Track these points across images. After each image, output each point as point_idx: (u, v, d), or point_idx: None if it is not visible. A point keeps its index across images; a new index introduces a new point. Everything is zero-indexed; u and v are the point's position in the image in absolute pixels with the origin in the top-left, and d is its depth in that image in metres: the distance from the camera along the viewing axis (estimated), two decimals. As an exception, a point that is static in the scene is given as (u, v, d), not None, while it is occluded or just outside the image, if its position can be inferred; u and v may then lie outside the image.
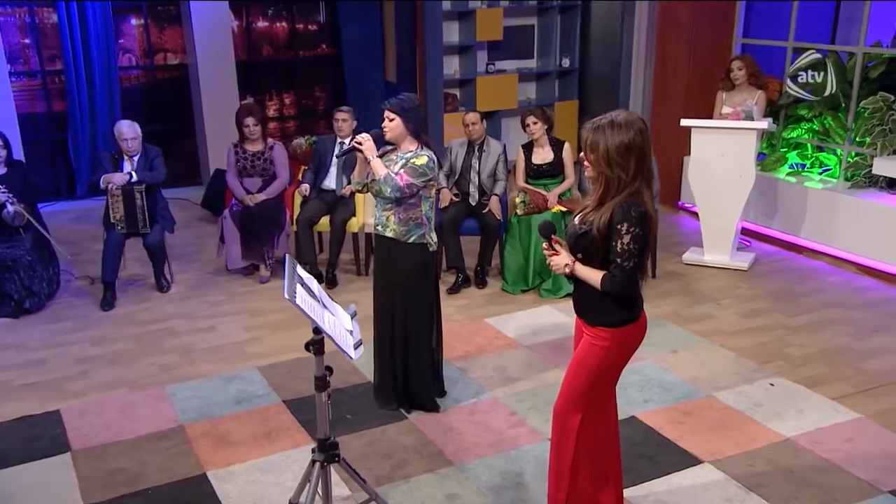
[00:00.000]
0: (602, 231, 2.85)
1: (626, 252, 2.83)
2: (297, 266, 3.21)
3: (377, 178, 3.96)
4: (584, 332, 3.09)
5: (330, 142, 6.46)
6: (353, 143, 4.01)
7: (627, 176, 2.83)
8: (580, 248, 2.96)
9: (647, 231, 2.87)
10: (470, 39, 8.69)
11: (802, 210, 6.68)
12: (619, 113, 2.90)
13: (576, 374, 3.10)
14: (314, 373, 3.18)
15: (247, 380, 4.67)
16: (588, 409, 3.10)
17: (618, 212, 2.82)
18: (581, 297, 3.07)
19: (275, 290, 6.20)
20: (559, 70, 9.14)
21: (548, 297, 5.85)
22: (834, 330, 5.32)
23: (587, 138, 2.91)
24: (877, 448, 3.82)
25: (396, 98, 4.06)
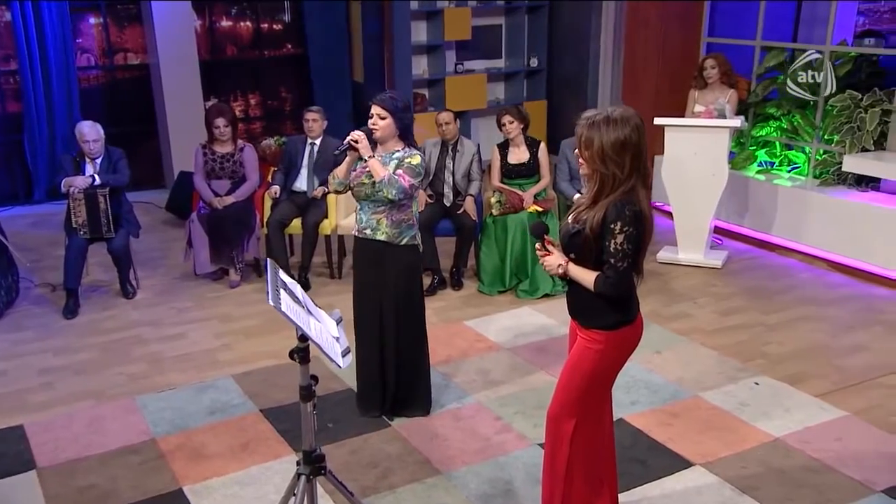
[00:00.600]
0: (595, 230, 2.74)
1: (620, 252, 2.73)
2: (279, 270, 3.04)
3: (378, 179, 3.78)
4: (579, 334, 2.97)
5: (300, 142, 6.27)
6: (349, 141, 3.83)
7: (622, 173, 2.73)
8: (573, 247, 2.85)
9: (641, 230, 2.77)
10: (438, 39, 8.56)
11: (773, 208, 6.67)
12: (615, 108, 2.79)
13: (570, 378, 2.98)
14: (299, 382, 3.02)
15: (221, 389, 4.47)
16: (583, 414, 2.99)
17: (611, 210, 2.71)
18: (575, 299, 2.96)
19: (245, 295, 6.00)
20: (527, 70, 9.05)
21: (525, 298, 5.74)
22: (810, 327, 5.29)
23: (581, 134, 2.79)
24: (866, 446, 3.77)
25: (388, 95, 3.89)
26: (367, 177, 3.89)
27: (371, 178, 3.87)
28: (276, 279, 2.91)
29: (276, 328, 5.40)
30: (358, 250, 4.07)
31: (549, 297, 5.76)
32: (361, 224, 3.99)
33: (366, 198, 3.93)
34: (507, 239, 5.82)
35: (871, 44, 6.94)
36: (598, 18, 8.71)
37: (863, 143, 6.17)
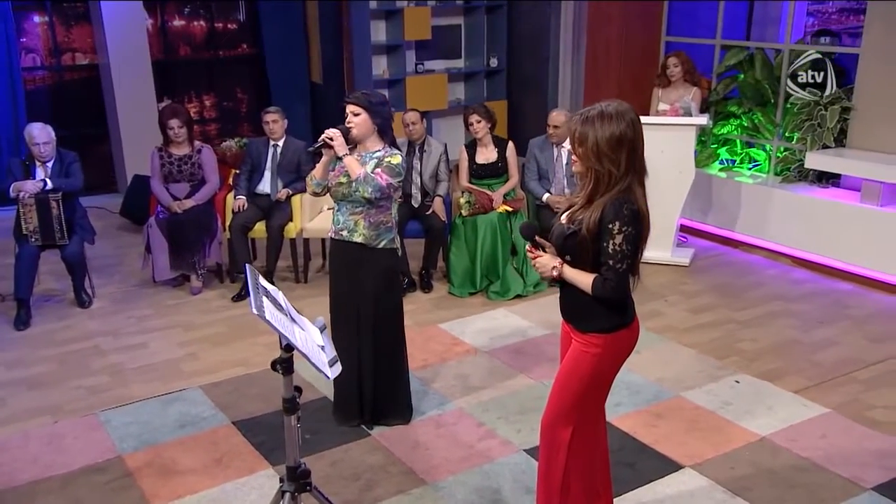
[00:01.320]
0: (592, 231, 2.61)
1: (619, 253, 2.60)
2: (259, 276, 2.85)
3: (354, 177, 3.61)
4: (574, 338, 2.84)
5: (262, 144, 6.05)
6: (324, 139, 3.64)
7: (619, 171, 2.61)
8: (568, 249, 2.71)
9: (640, 230, 2.65)
10: (398, 39, 8.38)
11: (736, 205, 6.66)
12: (610, 103, 2.66)
13: (565, 384, 2.85)
14: (283, 394, 2.84)
15: (189, 401, 4.24)
16: (579, 421, 2.86)
17: (609, 210, 2.59)
18: (570, 302, 2.83)
19: (208, 302, 5.75)
20: (487, 70, 8.93)
21: (497, 300, 5.61)
22: (781, 323, 5.26)
23: (575, 130, 2.67)
24: (850, 443, 3.72)
25: (361, 92, 3.74)
26: (345, 176, 3.72)
27: (348, 177, 3.69)
28: (257, 285, 2.72)
29: (242, 335, 5.17)
30: (334, 253, 3.88)
31: (521, 297, 5.64)
32: (338, 225, 3.81)
33: (343, 198, 3.75)
34: (476, 240, 5.69)
35: (826, 42, 6.99)
36: (556, 18, 8.63)
37: (824, 141, 6.18)
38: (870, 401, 4.25)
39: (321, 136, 3.69)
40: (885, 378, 4.50)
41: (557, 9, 8.54)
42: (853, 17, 9.39)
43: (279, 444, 3.76)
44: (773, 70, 6.76)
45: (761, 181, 6.70)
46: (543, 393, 4.21)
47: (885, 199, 5.81)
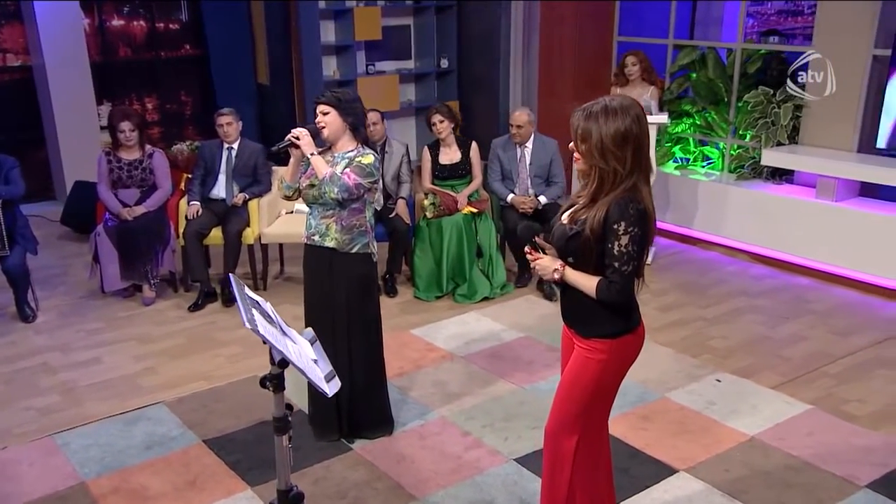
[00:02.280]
0: (596, 232, 2.46)
1: (625, 255, 2.45)
2: (245, 287, 2.62)
3: (320, 177, 3.39)
4: (577, 344, 2.69)
5: (216, 147, 5.75)
6: (290, 138, 3.42)
7: (624, 168, 2.45)
8: (571, 251, 2.56)
9: (646, 230, 2.50)
10: (348, 39, 8.14)
11: (693, 203, 6.64)
12: (613, 98, 2.51)
13: (570, 392, 2.69)
14: (273, 413, 2.61)
15: (154, 419, 3.95)
16: (585, 430, 2.71)
17: (614, 210, 2.43)
18: (572, 307, 2.67)
19: (162, 313, 5.43)
20: (438, 71, 8.75)
21: (464, 303, 5.44)
22: (747, 319, 5.23)
23: (577, 126, 2.50)
24: (837, 440, 3.67)
25: (330, 91, 3.51)
26: (316, 178, 3.50)
27: (318, 178, 3.47)
28: (245, 297, 2.49)
29: (201, 347, 4.89)
30: (307, 259, 3.65)
31: (488, 300, 5.48)
32: (310, 230, 3.59)
33: (314, 201, 3.53)
34: (442, 242, 5.51)
35: (775, 41, 7.03)
36: (507, 18, 8.52)
37: (778, 138, 6.20)
38: (843, 395, 4.22)
39: (287, 135, 3.47)
40: (855, 371, 4.49)
41: (507, 9, 8.43)
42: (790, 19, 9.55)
43: (256, 463, 3.53)
44: (726, 69, 6.76)
45: (716, 179, 6.69)
46: (526, 398, 4.08)
47: (840, 194, 5.85)
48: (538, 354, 4.53)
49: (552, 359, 4.48)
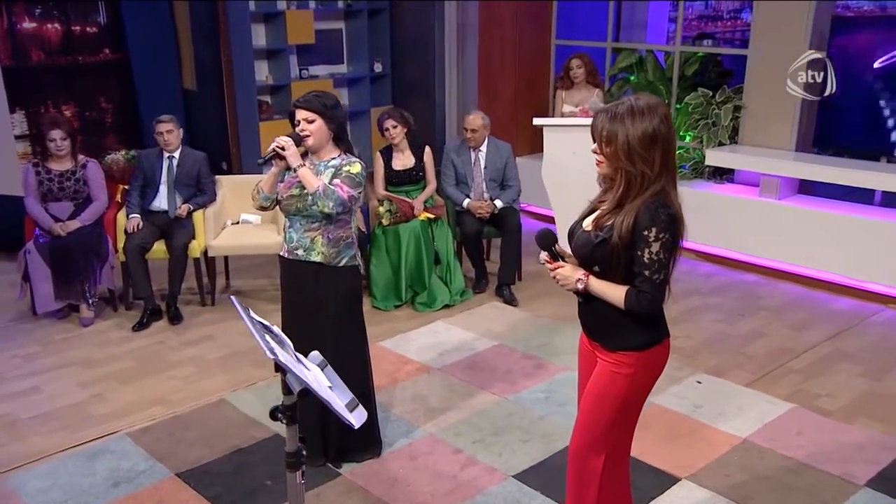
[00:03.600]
0: (625, 238, 2.28)
1: (656, 263, 2.27)
2: (250, 310, 2.33)
3: (311, 190, 3.11)
4: (601, 358, 2.50)
5: (154, 156, 5.35)
6: (275, 147, 3.13)
7: (652, 171, 2.27)
8: (597, 259, 2.37)
9: (677, 236, 2.34)
10: (279, 43, 7.78)
11: (639, 203, 6.61)
12: (639, 97, 2.33)
13: (596, 409, 2.50)
14: (286, 448, 2.34)
15: (117, 452, 3.56)
16: (612, 448, 2.53)
17: (644, 215, 2.26)
18: (596, 318, 2.49)
19: (104, 334, 5.00)
20: (372, 75, 8.48)
21: (424, 311, 5.23)
22: (705, 318, 5.20)
23: (602, 128, 2.32)
24: (825, 437, 3.63)
25: (312, 95, 3.23)
26: (298, 188, 3.22)
27: (302, 189, 3.20)
28: (255, 322, 2.21)
29: (153, 369, 4.51)
30: (287, 275, 3.36)
31: (450, 307, 5.28)
32: (291, 243, 3.30)
33: (297, 213, 3.25)
34: (400, 250, 5.27)
35: (709, 44, 7.10)
36: (440, 22, 8.34)
37: (719, 138, 6.24)
38: (813, 390, 4.22)
39: (271, 143, 3.18)
40: (818, 366, 4.50)
41: (441, 12, 8.25)
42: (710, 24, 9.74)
43: (239, 496, 3.23)
44: (665, 72, 6.77)
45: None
46: (512, 410, 3.90)
47: (783, 192, 5.92)
48: (515, 363, 4.36)
49: (530, 367, 4.31)
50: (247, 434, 3.65)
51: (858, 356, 4.64)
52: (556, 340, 4.63)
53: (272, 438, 3.63)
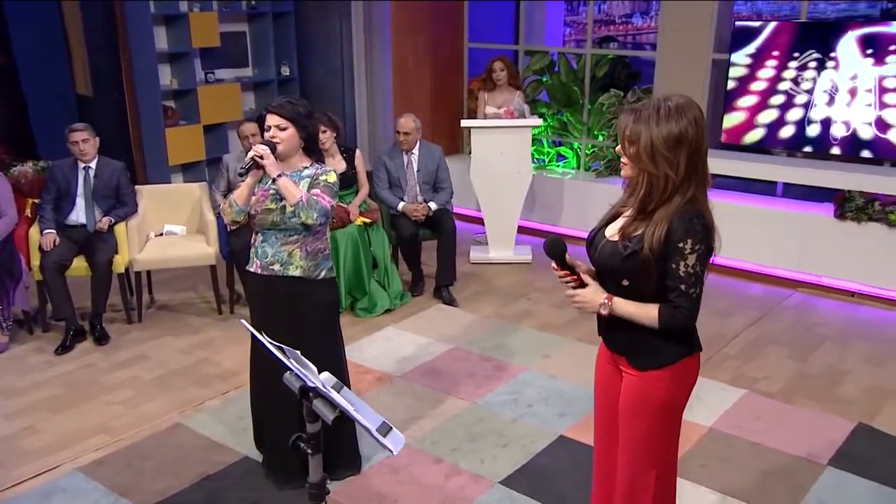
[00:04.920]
0: (656, 250, 2.11)
1: (692, 276, 2.12)
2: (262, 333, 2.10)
3: (293, 201, 2.88)
4: (628, 373, 2.33)
5: (68, 167, 4.90)
6: (254, 156, 2.87)
7: (676, 174, 2.10)
8: (626, 272, 2.20)
9: (712, 246, 2.17)
10: (183, 46, 7.32)
11: (559, 201, 6.65)
12: (669, 97, 2.16)
13: (635, 426, 2.32)
14: (310, 478, 2.11)
15: (71, 490, 3.19)
16: (662, 463, 2.36)
17: (677, 226, 2.10)
18: (624, 337, 2.29)
19: (23, 360, 4.53)
20: (279, 78, 8.13)
21: (366, 317, 5.03)
22: (637, 309, 5.26)
23: (625, 127, 2.16)
24: (782, 420, 3.72)
25: (286, 100, 3.00)
26: (273, 200, 2.99)
27: (278, 201, 2.97)
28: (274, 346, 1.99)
29: (87, 395, 4.12)
30: (261, 291, 3.11)
31: (390, 312, 5.11)
32: (265, 259, 3.05)
33: (273, 226, 3.01)
34: (339, 256, 5.03)
35: (615, 47, 7.23)
36: (347, 25, 8.12)
37: (633, 137, 6.33)
38: (751, 374, 4.34)
39: (248, 153, 2.93)
40: (750, 350, 4.64)
41: (348, 16, 8.03)
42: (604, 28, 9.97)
43: (220, 528, 2.94)
44: (577, 73, 6.84)
45: (573, 177, 6.75)
46: (483, 414, 3.78)
47: (696, 187, 6.08)
48: (475, 366, 4.25)
49: (490, 369, 4.21)
50: (212, 459, 3.36)
51: (783, 339, 4.81)
52: (509, 341, 4.56)
53: (242, 461, 3.36)
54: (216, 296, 5.18)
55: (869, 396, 4.09)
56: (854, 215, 5.39)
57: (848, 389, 4.17)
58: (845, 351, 4.64)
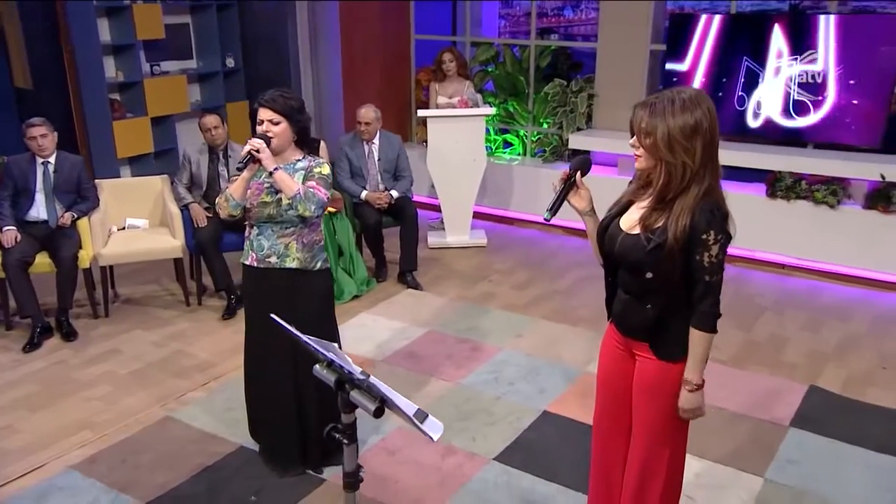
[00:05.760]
0: (681, 241, 2.09)
1: (716, 265, 2.11)
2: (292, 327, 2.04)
3: (291, 194, 2.78)
4: (644, 356, 2.32)
5: (26, 162, 4.63)
6: (250, 150, 2.76)
7: (694, 162, 2.09)
8: (651, 265, 2.16)
9: (730, 234, 2.15)
10: (128, 38, 6.99)
11: (509, 186, 6.68)
12: (682, 89, 2.15)
13: (651, 408, 2.32)
14: (345, 467, 2.07)
15: (68, 489, 3.03)
16: (675, 441, 2.38)
17: (700, 218, 2.08)
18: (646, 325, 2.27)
19: (-11, 359, 4.26)
20: (225, 70, 7.87)
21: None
22: (593, 287, 5.32)
23: (641, 120, 2.13)
24: (742, 386, 3.84)
25: (278, 94, 2.89)
26: (269, 193, 2.90)
27: (274, 194, 2.88)
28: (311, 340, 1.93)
29: (64, 391, 3.93)
30: (257, 284, 3.01)
31: (358, 297, 5.04)
32: (262, 251, 2.95)
33: (269, 219, 2.91)
34: (306, 245, 4.92)
35: (556, 38, 7.27)
36: (291, 15, 7.91)
37: (577, 124, 6.43)
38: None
39: (245, 147, 2.82)
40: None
41: (292, 8, 7.83)
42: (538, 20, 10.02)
43: (228, 518, 2.86)
44: (522, 63, 6.86)
45: (520, 163, 6.78)
46: (467, 394, 3.77)
47: (638, 170, 6.21)
48: (453, 347, 4.23)
49: (467, 350, 4.21)
50: (208, 450, 3.24)
51: (726, 310, 4.80)
52: (481, 322, 4.56)
53: (238, 451, 3.26)
54: (183, 288, 5.00)
55: (810, 360, 4.28)
56: (784, 194, 5.60)
57: (791, 354, 4.35)
58: (783, 319, 4.83)
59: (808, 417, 3.55)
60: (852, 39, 5.21)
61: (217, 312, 4.86)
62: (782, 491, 3.03)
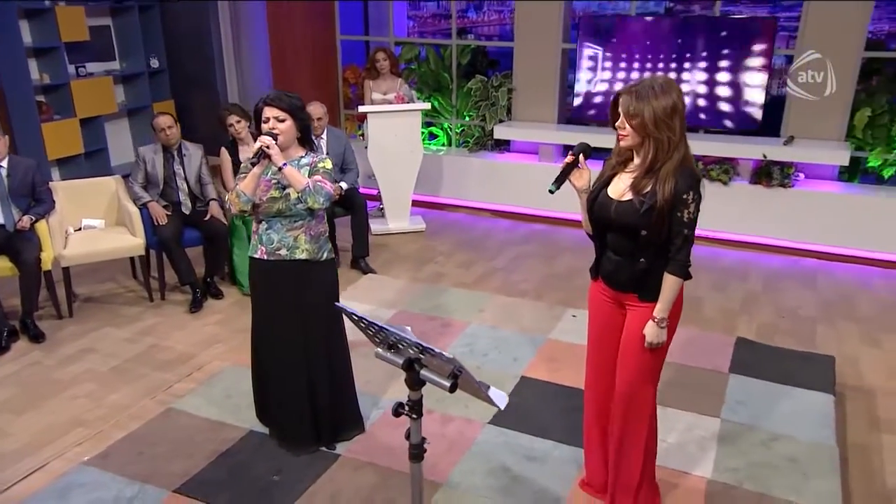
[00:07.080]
0: (669, 202, 2.31)
1: (692, 221, 2.34)
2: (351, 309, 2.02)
3: (300, 188, 2.73)
4: (635, 306, 2.49)
5: (-23, 166, 4.23)
6: (261, 146, 2.68)
7: (675, 136, 2.33)
8: (644, 224, 2.35)
9: (701, 194, 2.39)
10: (51, 40, 6.49)
11: (439, 174, 6.72)
12: (655, 77, 2.38)
13: (644, 350, 2.50)
14: (412, 440, 2.08)
15: (89, 484, 2.85)
16: (656, 379, 2.58)
17: (682, 181, 2.31)
18: (640, 276, 2.45)
19: (-43, 367, 3.91)
20: (150, 71, 7.45)
21: (299, 292, 4.83)
22: (528, 263, 5.49)
23: (629, 104, 2.33)
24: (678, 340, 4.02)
25: (281, 94, 2.85)
26: (277, 189, 2.82)
27: (281, 189, 2.81)
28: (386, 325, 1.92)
29: (46, 392, 3.69)
30: (266, 276, 2.92)
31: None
32: (271, 245, 2.88)
33: (278, 213, 2.84)
34: (267, 238, 4.78)
35: (473, 38, 7.34)
36: (215, 17, 7.59)
37: (499, 116, 6.55)
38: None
39: (255, 143, 2.74)
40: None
41: (214, 9, 7.51)
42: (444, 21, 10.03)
43: (252, 498, 2.79)
44: (444, 61, 6.89)
45: (447, 153, 6.84)
46: (449, 366, 3.80)
47: (557, 157, 6.42)
48: (424, 325, 4.25)
49: (438, 327, 4.24)
50: (220, 437, 3.13)
51: None
52: (443, 301, 4.60)
53: (249, 435, 3.17)
54: (147, 284, 4.75)
55: (724, 315, 4.60)
56: (685, 174, 5.93)
57: (708, 311, 4.66)
58: (696, 282, 5.14)
59: (742, 363, 3.83)
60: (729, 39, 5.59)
61: (182, 307, 4.66)
62: (738, 428, 3.28)
